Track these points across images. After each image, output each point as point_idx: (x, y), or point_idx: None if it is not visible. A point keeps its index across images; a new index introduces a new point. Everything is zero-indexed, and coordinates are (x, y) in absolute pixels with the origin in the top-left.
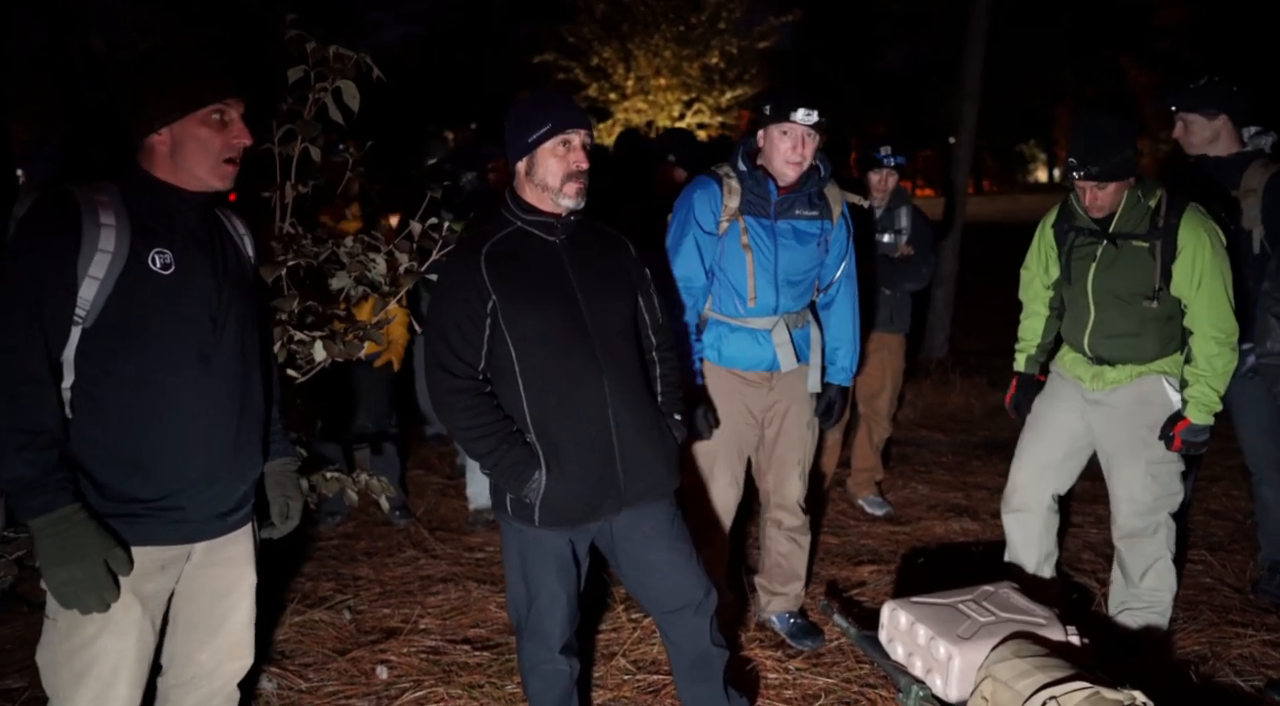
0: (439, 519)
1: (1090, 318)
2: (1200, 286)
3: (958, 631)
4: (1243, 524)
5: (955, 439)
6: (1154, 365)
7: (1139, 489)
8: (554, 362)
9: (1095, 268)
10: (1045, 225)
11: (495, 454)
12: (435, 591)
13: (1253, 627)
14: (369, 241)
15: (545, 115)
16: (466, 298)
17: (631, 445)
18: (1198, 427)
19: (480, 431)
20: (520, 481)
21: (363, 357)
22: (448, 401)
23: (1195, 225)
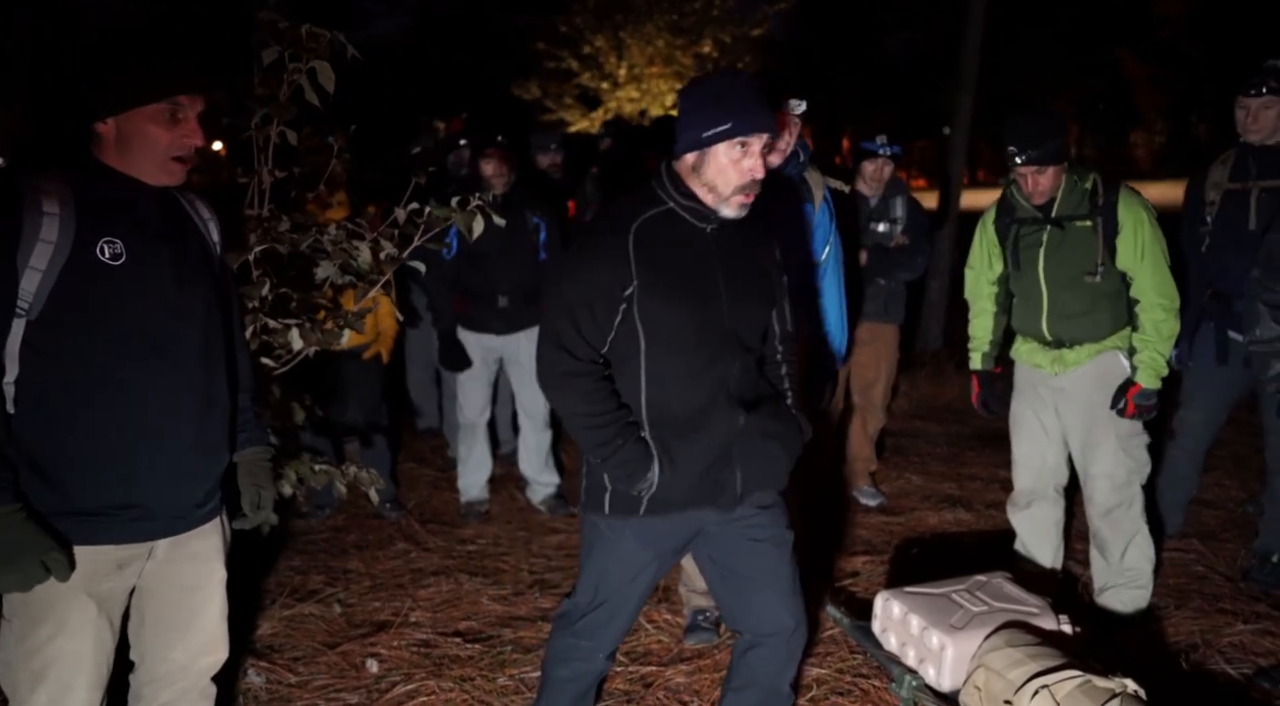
0: (430, 511)
1: (1044, 302)
2: (1144, 258)
3: (951, 621)
4: (1234, 513)
5: (949, 430)
6: (1109, 341)
7: (1113, 464)
8: (684, 361)
9: (1044, 252)
10: (985, 223)
11: (610, 446)
12: (426, 584)
13: (1243, 616)
14: (352, 229)
15: (726, 111)
16: (605, 277)
17: (749, 449)
18: (1148, 392)
19: (598, 420)
20: (633, 479)
21: (351, 349)
22: (562, 384)
23: (1131, 202)
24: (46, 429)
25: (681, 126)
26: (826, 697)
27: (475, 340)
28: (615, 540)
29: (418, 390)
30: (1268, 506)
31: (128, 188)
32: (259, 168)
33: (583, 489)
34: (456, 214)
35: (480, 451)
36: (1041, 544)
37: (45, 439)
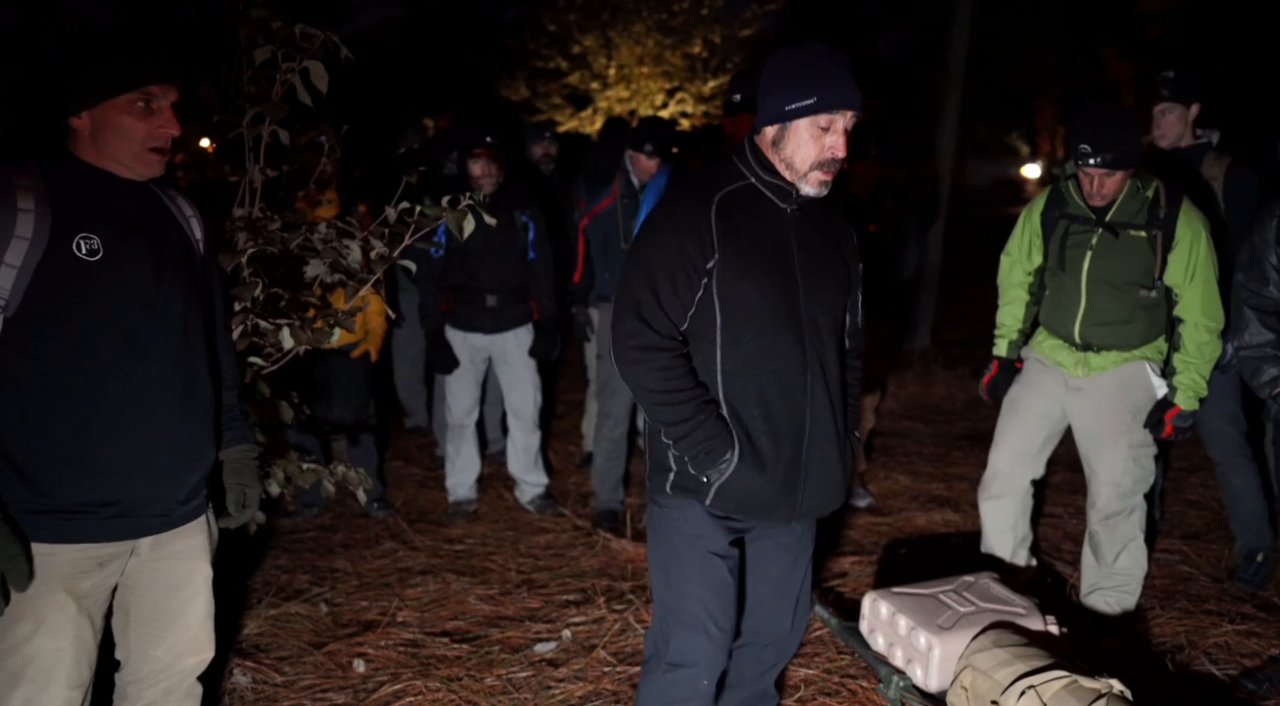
0: (418, 510)
1: (1081, 305)
2: (1194, 277)
3: (938, 621)
4: (1219, 513)
5: (937, 430)
6: (1138, 351)
7: (1121, 471)
8: (759, 343)
9: (1091, 255)
10: (1032, 212)
11: (688, 423)
12: (414, 583)
13: (1228, 617)
14: (342, 228)
15: (811, 85)
16: (689, 246)
17: (818, 453)
18: (1186, 414)
19: (676, 397)
20: (711, 459)
21: (339, 347)
22: (639, 358)
23: (1192, 217)
24: (23, 426)
25: (764, 97)
26: (814, 698)
27: (463, 339)
28: (680, 519)
29: (406, 388)
30: (1230, 504)
31: (104, 182)
32: (249, 167)
33: (646, 471)
34: (448, 213)
35: (468, 451)
36: (1003, 534)
37: (22, 436)
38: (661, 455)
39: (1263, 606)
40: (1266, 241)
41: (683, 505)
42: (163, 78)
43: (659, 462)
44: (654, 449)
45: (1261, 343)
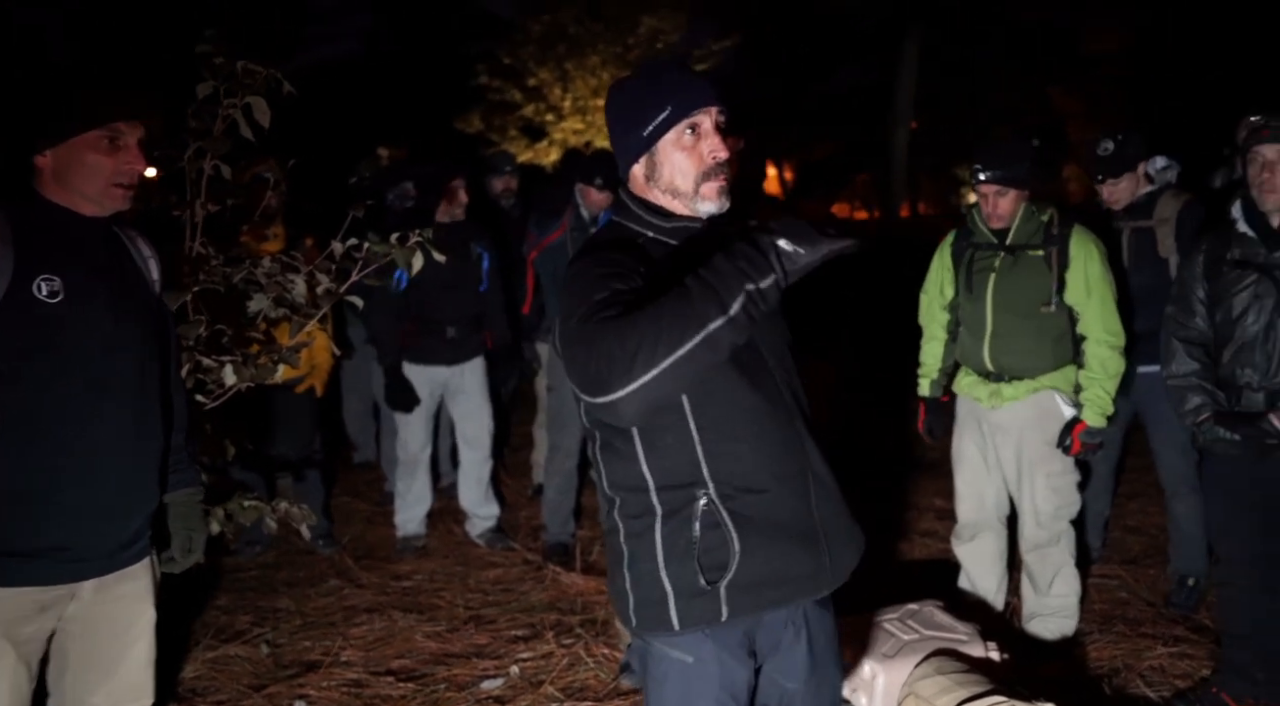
0: (365, 547)
1: (988, 329)
2: (1091, 294)
3: (883, 650)
4: (1157, 539)
5: (891, 459)
6: (1046, 379)
7: (1041, 500)
8: (734, 396)
9: (995, 278)
10: (944, 247)
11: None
12: (359, 622)
13: (1163, 639)
14: (287, 262)
15: (661, 97)
16: (636, 266)
17: (828, 505)
18: (1094, 430)
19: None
20: (756, 265)
21: (284, 383)
22: (585, 332)
23: (1084, 238)
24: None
25: (618, 139)
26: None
27: (421, 373)
28: (697, 665)
29: (354, 423)
30: (1172, 530)
31: (67, 222)
32: (191, 201)
33: (630, 607)
34: (396, 250)
35: (420, 486)
36: (986, 574)
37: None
38: (648, 580)
39: (1195, 629)
40: (1194, 276)
41: (693, 643)
42: (129, 114)
43: (648, 591)
44: (637, 575)
45: (1187, 372)
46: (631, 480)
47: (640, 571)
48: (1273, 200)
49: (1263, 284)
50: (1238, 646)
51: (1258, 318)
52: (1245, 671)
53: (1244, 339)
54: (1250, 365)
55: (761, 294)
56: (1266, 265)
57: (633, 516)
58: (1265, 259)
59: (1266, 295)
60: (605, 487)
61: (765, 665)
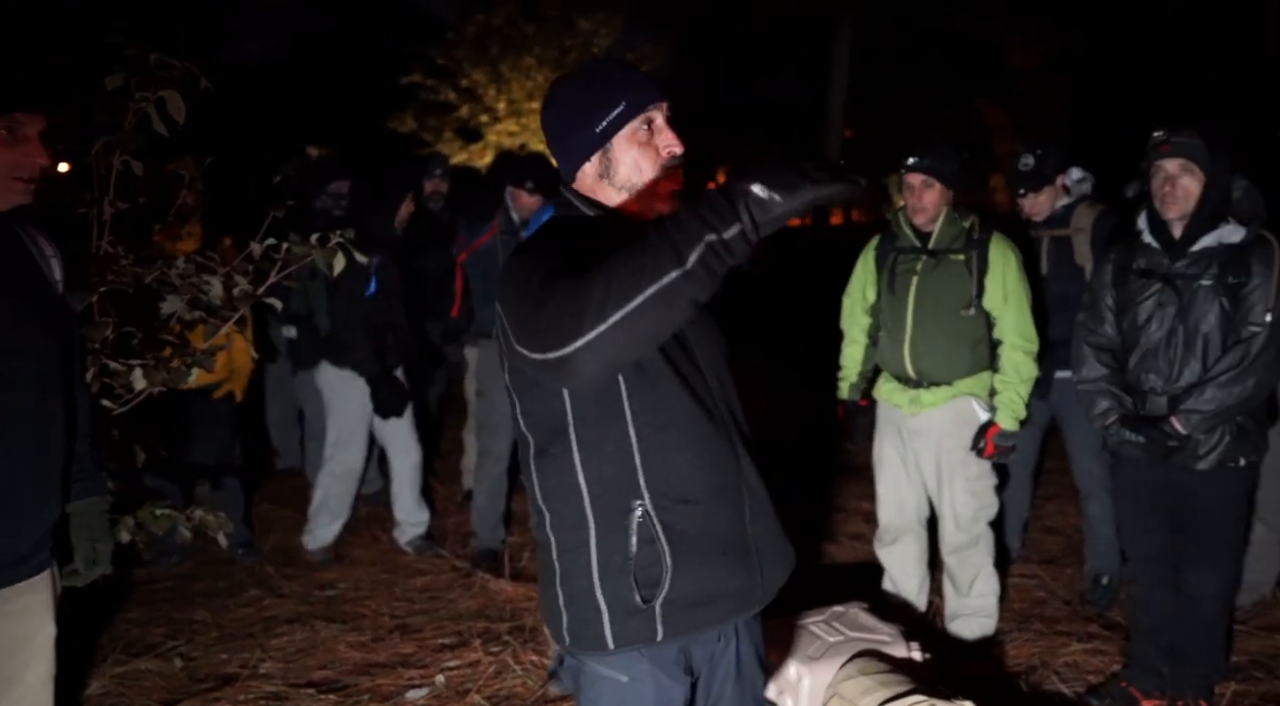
0: (288, 555)
1: (908, 331)
2: (1009, 300)
3: (808, 652)
4: (1073, 539)
5: (819, 462)
6: (963, 385)
7: (961, 505)
8: (673, 405)
9: (917, 280)
10: (867, 251)
11: (650, 237)
12: (279, 632)
13: (1077, 636)
14: (202, 262)
15: (613, 92)
16: (579, 237)
17: (761, 520)
18: (1007, 433)
19: (605, 265)
20: (721, 214)
21: (201, 388)
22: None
23: (1003, 244)
24: None
25: (563, 138)
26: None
27: (356, 380)
28: (632, 685)
29: (278, 428)
30: (1087, 531)
31: None
32: (98, 198)
33: (563, 625)
34: (316, 251)
35: (350, 497)
36: (908, 576)
37: None
38: (582, 598)
39: (1108, 626)
40: (1104, 284)
41: (628, 662)
42: (23, 106)
43: (582, 609)
44: (571, 592)
45: (1097, 377)
46: (566, 489)
47: (574, 588)
48: (1174, 212)
49: (1165, 292)
50: (1144, 641)
51: (1161, 325)
52: (1152, 665)
53: (1148, 345)
54: (1154, 370)
55: (726, 245)
56: (1169, 275)
57: (566, 529)
58: (1168, 269)
59: (1169, 303)
60: (538, 499)
61: (700, 679)
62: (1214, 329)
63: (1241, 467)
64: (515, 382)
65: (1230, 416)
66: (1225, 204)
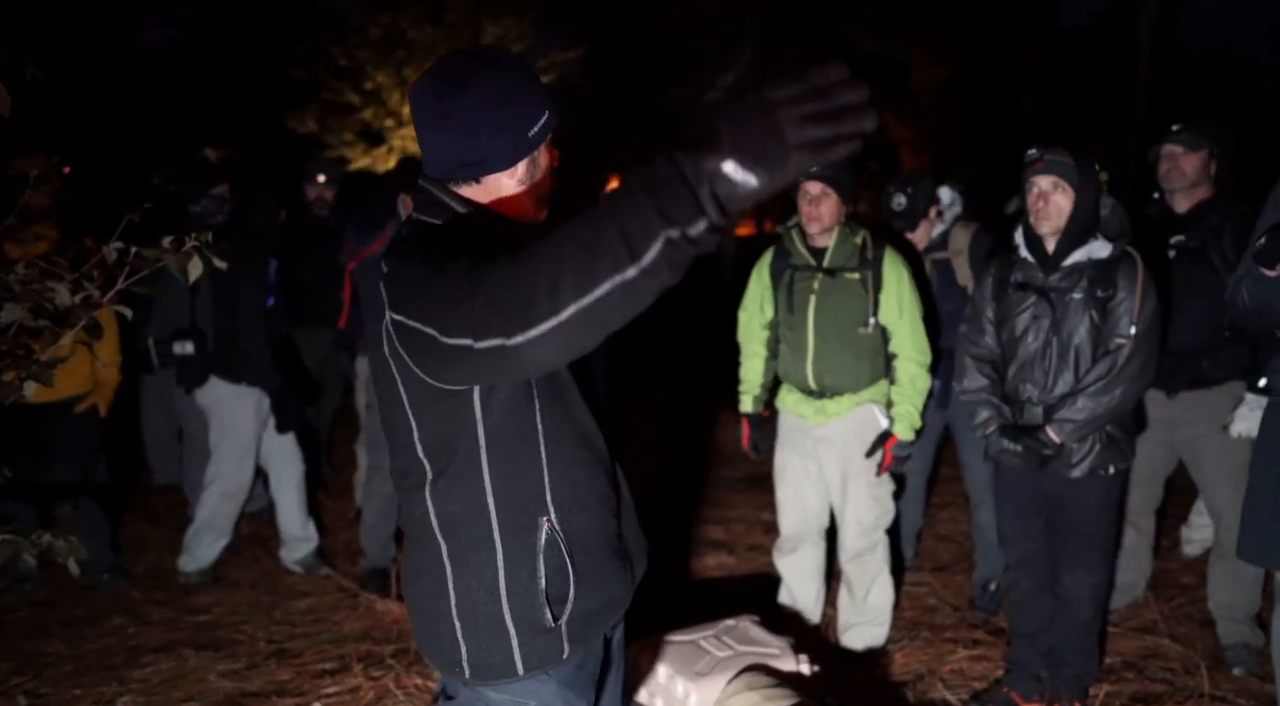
0: (159, 579)
1: (810, 349)
2: (903, 314)
3: (696, 668)
4: (964, 546)
5: (719, 474)
6: (865, 394)
7: (864, 511)
8: (571, 413)
9: (815, 299)
10: (761, 266)
11: (603, 223)
12: (143, 663)
13: (964, 644)
14: (46, 267)
15: (539, 96)
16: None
17: (632, 522)
18: (904, 443)
19: (551, 248)
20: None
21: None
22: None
23: (895, 261)
24: None
25: (491, 138)
26: None
27: (248, 394)
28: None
29: (154, 443)
30: (976, 537)
31: None
32: None
33: (462, 657)
34: (170, 255)
35: (237, 514)
36: (805, 587)
37: None
38: (487, 621)
39: (993, 631)
40: (984, 297)
41: (535, 688)
42: None
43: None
44: (472, 619)
45: (978, 387)
46: (471, 514)
47: (477, 615)
48: (1047, 227)
49: (1040, 305)
50: (1024, 646)
51: (1037, 336)
52: (1031, 669)
53: (1025, 356)
54: (1030, 381)
55: (690, 240)
56: (1044, 288)
57: (468, 555)
58: (1043, 282)
59: (1044, 316)
60: (434, 529)
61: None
62: (1085, 341)
63: (1111, 475)
64: (415, 401)
65: (1100, 425)
66: (1094, 220)
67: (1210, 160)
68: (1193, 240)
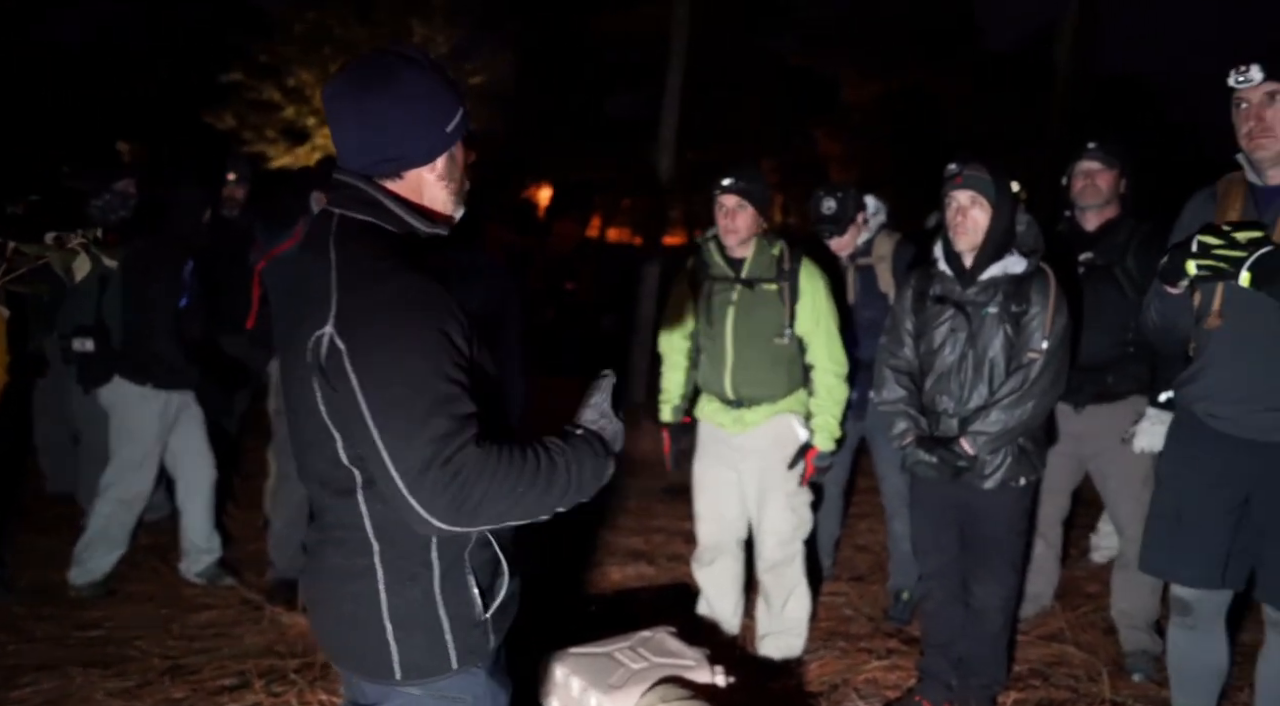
0: (47, 592)
1: (729, 360)
2: (819, 325)
3: (610, 680)
4: (881, 556)
5: (641, 483)
6: (783, 403)
7: (781, 522)
8: (499, 411)
9: (733, 310)
10: (682, 277)
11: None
12: (23, 683)
13: (878, 653)
14: None
15: (453, 100)
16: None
17: None
18: (824, 454)
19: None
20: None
21: None
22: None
23: (812, 272)
24: None
25: (409, 133)
26: None
27: (155, 397)
28: (477, 704)
29: (48, 449)
30: (891, 547)
31: None
32: None
33: (394, 658)
34: (52, 253)
35: (135, 523)
36: (723, 597)
37: None
38: (423, 619)
39: (906, 641)
40: (904, 309)
41: (468, 682)
42: None
43: (422, 634)
44: (404, 620)
45: (896, 399)
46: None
47: (410, 615)
48: (965, 242)
49: (957, 318)
50: (936, 655)
51: (953, 349)
52: (942, 678)
53: (942, 368)
54: (947, 393)
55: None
56: (960, 302)
57: (404, 557)
58: (959, 296)
59: (960, 329)
60: (368, 533)
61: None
62: (999, 354)
63: (1023, 486)
64: (337, 418)
65: (1013, 438)
66: (1010, 236)
67: (1121, 178)
68: (1100, 258)
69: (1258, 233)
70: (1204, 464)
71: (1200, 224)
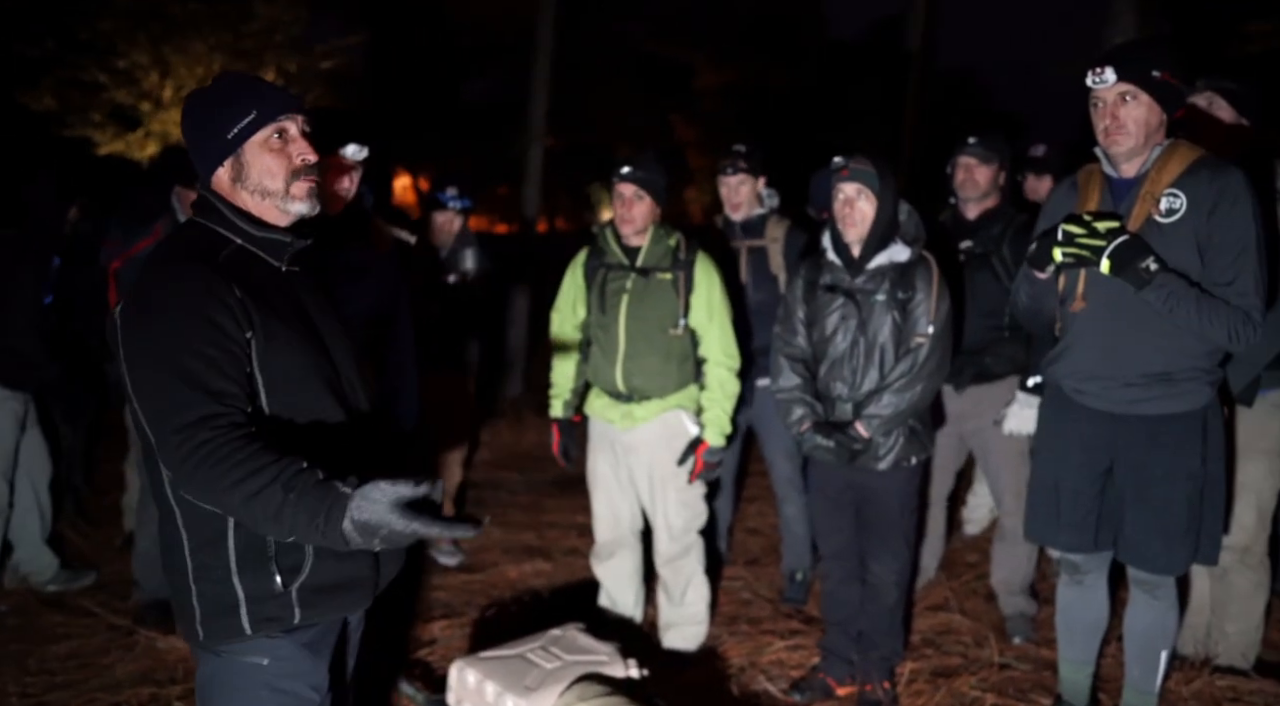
0: None
1: (620, 350)
2: (713, 318)
3: (525, 682)
4: (772, 538)
5: (530, 478)
6: (673, 399)
7: (674, 515)
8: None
9: (627, 299)
10: (575, 266)
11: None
12: None
13: (780, 634)
14: None
15: (245, 101)
16: (221, 320)
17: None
18: (715, 449)
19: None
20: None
21: None
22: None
23: (707, 264)
24: None
25: (199, 144)
26: None
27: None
28: (273, 665)
29: None
30: (783, 530)
31: None
32: None
33: (196, 620)
34: None
35: None
36: (624, 590)
37: None
38: (220, 585)
39: (806, 621)
40: (796, 298)
41: (270, 646)
42: None
43: (218, 600)
44: (205, 586)
45: (792, 386)
46: None
47: (210, 581)
48: (853, 233)
49: (848, 307)
50: (836, 632)
51: (845, 336)
52: (843, 655)
53: (835, 355)
54: (840, 379)
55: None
56: (850, 290)
57: (201, 522)
58: (849, 284)
59: (850, 317)
60: (167, 495)
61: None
62: (888, 340)
63: (914, 465)
64: (123, 387)
65: (904, 419)
66: (894, 226)
67: (1000, 171)
68: (978, 246)
69: (1115, 223)
70: (1074, 436)
71: (1064, 212)
